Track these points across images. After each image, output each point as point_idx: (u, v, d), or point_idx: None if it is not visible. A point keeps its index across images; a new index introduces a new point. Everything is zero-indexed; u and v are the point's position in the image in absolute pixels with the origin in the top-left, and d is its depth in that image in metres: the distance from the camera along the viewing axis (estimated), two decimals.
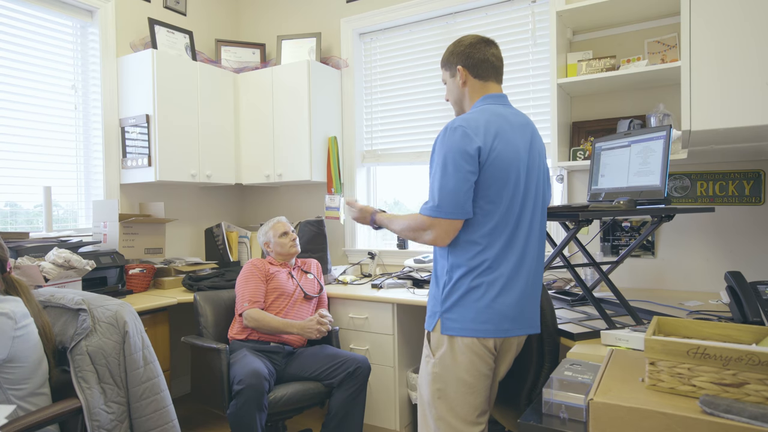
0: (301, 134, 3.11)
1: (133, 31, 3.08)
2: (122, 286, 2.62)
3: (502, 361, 1.54)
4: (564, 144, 2.47)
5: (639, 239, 1.92)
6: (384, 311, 2.55)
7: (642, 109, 2.44)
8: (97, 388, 1.53)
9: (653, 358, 1.03)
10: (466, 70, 1.57)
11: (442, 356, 1.47)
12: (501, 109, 1.52)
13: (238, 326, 2.42)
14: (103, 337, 1.58)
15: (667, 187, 1.70)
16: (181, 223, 3.34)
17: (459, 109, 1.63)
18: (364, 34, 3.36)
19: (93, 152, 2.95)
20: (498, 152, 1.41)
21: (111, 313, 1.63)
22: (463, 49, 1.57)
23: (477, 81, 1.57)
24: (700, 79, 1.40)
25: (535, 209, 1.51)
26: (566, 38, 2.54)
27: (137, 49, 3.02)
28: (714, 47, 1.39)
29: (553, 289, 2.39)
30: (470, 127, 1.42)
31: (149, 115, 2.83)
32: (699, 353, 0.98)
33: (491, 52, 1.58)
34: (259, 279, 2.45)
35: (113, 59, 2.96)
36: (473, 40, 1.58)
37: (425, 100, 3.14)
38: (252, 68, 3.42)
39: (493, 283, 1.43)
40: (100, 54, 2.91)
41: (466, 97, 1.59)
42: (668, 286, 2.42)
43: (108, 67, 2.94)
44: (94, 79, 2.94)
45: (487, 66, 1.56)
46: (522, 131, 1.51)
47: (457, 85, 1.59)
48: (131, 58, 2.93)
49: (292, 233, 2.62)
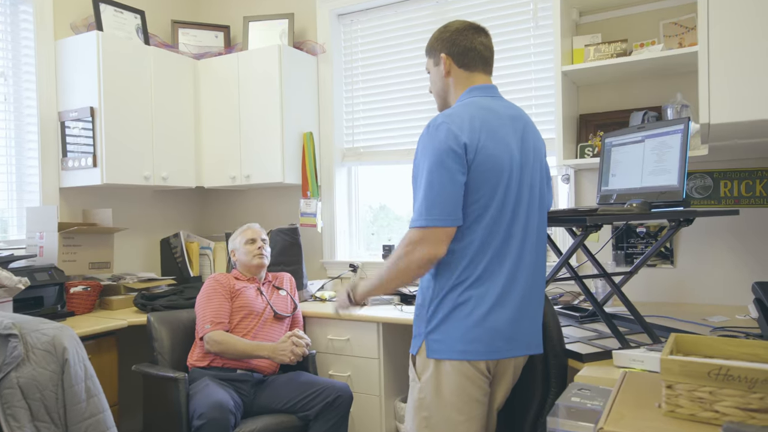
0: (272, 129, 3.10)
1: (74, 10, 3.05)
2: (62, 307, 2.58)
3: (499, 386, 1.54)
4: (570, 139, 2.50)
5: (655, 246, 1.94)
6: (368, 332, 2.54)
7: (657, 99, 2.47)
8: (30, 427, 1.51)
9: (670, 381, 1.04)
10: (451, 59, 1.58)
11: (428, 380, 1.48)
12: (488, 102, 1.53)
13: (199, 351, 2.40)
14: (37, 366, 1.55)
15: (686, 188, 1.72)
16: (132, 232, 3.30)
17: (442, 102, 1.65)
18: (344, 15, 3.37)
19: (26, 151, 2.91)
20: (486, 150, 1.43)
21: (48, 338, 1.60)
22: (449, 36, 1.59)
23: (462, 71, 1.59)
24: (720, 66, 1.42)
25: (531, 213, 1.52)
26: (572, 20, 2.57)
27: (79, 30, 2.99)
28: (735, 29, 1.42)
29: (559, 304, 2.40)
30: (454, 123, 1.44)
31: (94, 108, 2.81)
32: (722, 374, 0.99)
33: (479, 40, 1.59)
34: (222, 296, 2.43)
35: (51, 42, 2.93)
36: (460, 26, 1.60)
37: (414, 90, 3.15)
38: (215, 54, 3.41)
39: (483, 297, 1.44)
40: (34, 36, 2.88)
41: (450, 88, 1.61)
42: (689, 299, 2.45)
43: (44, 52, 2.90)
44: (28, 66, 2.90)
45: (473, 55, 1.58)
46: (513, 125, 1.52)
47: (440, 75, 1.61)
48: (72, 42, 2.90)
49: (261, 242, 2.61)
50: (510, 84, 2.87)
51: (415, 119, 3.17)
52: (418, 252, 1.41)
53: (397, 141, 3.23)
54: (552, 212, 1.67)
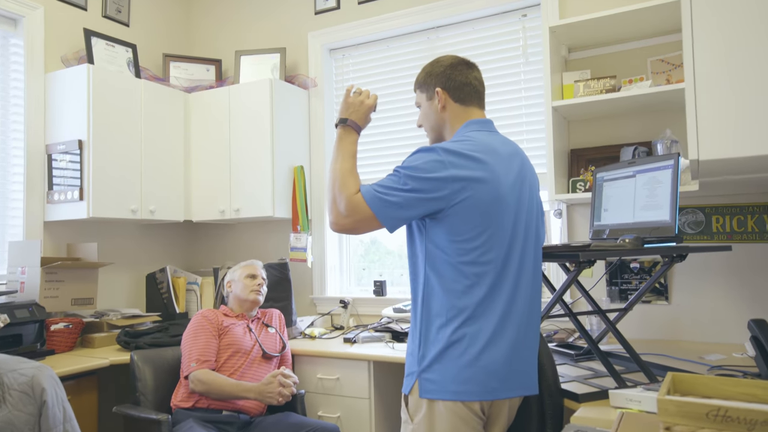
0: (263, 163, 3.11)
1: (65, 43, 3.09)
2: (42, 345, 2.54)
3: (494, 428, 1.52)
4: (562, 174, 2.52)
5: (649, 283, 1.95)
6: (359, 370, 2.50)
7: (647, 134, 2.52)
8: None
9: (668, 422, 1.03)
10: (447, 93, 1.61)
11: (421, 421, 1.45)
12: (486, 137, 1.55)
13: (184, 391, 2.35)
14: (14, 409, 1.51)
15: (678, 223, 1.74)
16: (117, 267, 3.27)
17: (436, 137, 1.67)
18: (335, 50, 3.43)
19: (11, 183, 2.90)
20: (483, 185, 1.44)
21: (26, 378, 1.57)
22: (443, 70, 1.62)
23: (458, 105, 1.61)
24: (707, 103, 1.46)
25: (526, 249, 1.52)
26: (561, 56, 2.63)
27: (70, 64, 3.02)
28: (721, 66, 1.46)
29: (554, 341, 2.39)
30: (451, 154, 1.44)
31: (82, 141, 2.81)
32: (720, 415, 0.98)
33: (474, 75, 1.63)
34: (210, 333, 2.40)
35: (40, 75, 2.95)
36: (453, 61, 1.63)
37: (405, 124, 3.20)
38: (206, 87, 3.45)
39: (477, 336, 1.43)
40: (24, 69, 2.90)
41: (446, 123, 1.62)
42: (686, 336, 2.45)
43: (33, 85, 2.92)
44: (16, 98, 2.92)
45: (469, 90, 1.61)
46: (510, 161, 1.54)
47: (434, 110, 1.63)
48: (62, 75, 2.92)
49: (262, 279, 2.62)
50: (501, 119, 2.91)
51: (404, 153, 3.18)
52: (339, 204, 1.46)
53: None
54: (545, 248, 1.67)
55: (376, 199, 1.44)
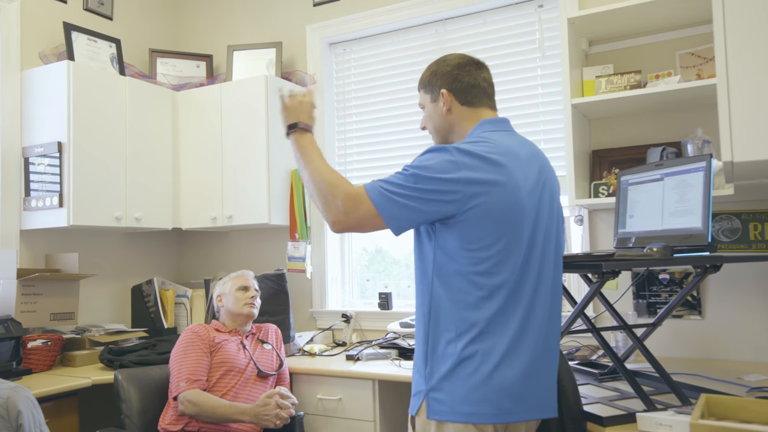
0: (258, 166, 3.12)
1: (43, 38, 3.11)
2: (18, 364, 2.53)
3: None
4: (583, 177, 2.52)
5: (680, 296, 1.94)
6: (362, 390, 2.50)
7: (676, 134, 2.51)
8: None
9: None
10: (452, 96, 1.61)
11: None
12: (503, 137, 1.55)
13: (173, 413, 2.35)
14: None
15: (711, 230, 1.73)
16: (100, 279, 3.27)
17: (441, 140, 1.67)
18: (335, 44, 3.44)
19: None
20: (499, 191, 1.43)
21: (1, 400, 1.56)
22: (449, 70, 1.62)
23: (465, 108, 1.61)
24: (742, 99, 1.45)
25: (545, 259, 1.51)
26: (581, 50, 2.63)
27: (48, 60, 3.04)
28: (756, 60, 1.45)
29: (575, 359, 2.37)
30: (466, 155, 1.44)
31: (62, 143, 2.83)
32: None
33: (482, 76, 1.63)
34: (201, 350, 2.40)
35: (16, 73, 2.97)
36: (461, 61, 1.63)
37: (410, 124, 3.20)
38: (196, 85, 3.46)
39: (490, 352, 1.42)
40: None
41: (453, 126, 1.63)
42: (722, 354, 2.42)
43: (9, 83, 2.94)
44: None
45: (477, 92, 1.61)
46: (529, 164, 1.53)
47: (439, 112, 1.63)
48: (40, 72, 2.94)
49: (255, 291, 2.62)
50: (516, 118, 2.89)
51: (411, 155, 3.19)
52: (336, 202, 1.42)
53: None
54: (565, 257, 1.66)
55: (381, 196, 1.42)
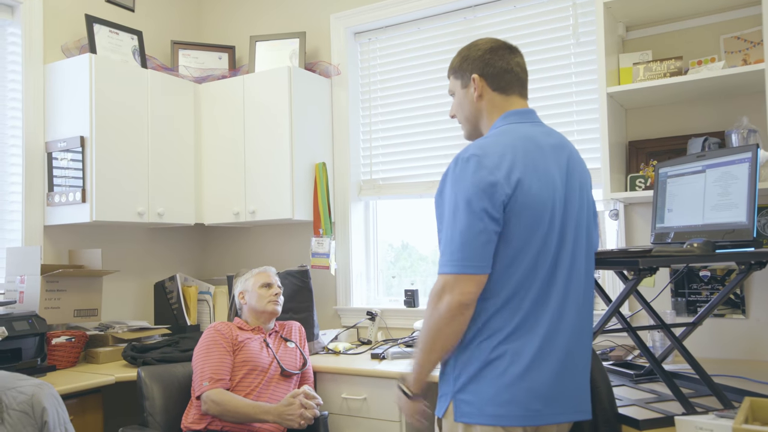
0: (281, 160, 3.14)
1: (66, 31, 3.17)
2: (42, 361, 2.58)
3: None
4: (618, 170, 2.48)
5: (722, 294, 1.90)
6: (387, 390, 2.50)
7: (719, 123, 2.46)
8: None
9: None
10: (484, 81, 1.60)
11: None
12: (528, 129, 1.54)
13: (196, 412, 2.38)
14: (12, 430, 1.55)
15: (756, 225, 1.70)
16: (123, 275, 3.33)
17: (472, 129, 1.66)
18: (360, 33, 3.44)
19: (9, 185, 2.98)
20: (525, 186, 1.42)
21: (26, 397, 1.60)
22: (481, 54, 1.61)
23: (497, 95, 1.60)
24: None
25: (576, 256, 1.50)
26: (618, 35, 2.59)
27: (71, 53, 3.09)
28: None
29: (610, 359, 2.36)
30: (488, 156, 1.44)
31: (84, 137, 2.87)
32: None
33: (516, 60, 1.62)
34: (224, 349, 2.42)
35: (39, 66, 3.03)
36: (493, 45, 1.62)
37: (439, 116, 3.18)
38: (218, 77, 3.49)
39: (520, 353, 1.41)
40: (22, 60, 2.98)
41: (483, 114, 1.62)
42: (766, 356, 2.38)
43: (32, 77, 3.00)
44: (14, 92, 3.00)
45: (510, 77, 1.60)
46: (555, 156, 1.52)
47: (470, 99, 1.62)
48: (63, 65, 2.99)
49: (278, 287, 2.64)
50: (548, 108, 2.88)
51: (440, 147, 3.19)
52: (446, 300, 1.40)
53: (421, 172, 3.24)
54: (599, 253, 1.65)
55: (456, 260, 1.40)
